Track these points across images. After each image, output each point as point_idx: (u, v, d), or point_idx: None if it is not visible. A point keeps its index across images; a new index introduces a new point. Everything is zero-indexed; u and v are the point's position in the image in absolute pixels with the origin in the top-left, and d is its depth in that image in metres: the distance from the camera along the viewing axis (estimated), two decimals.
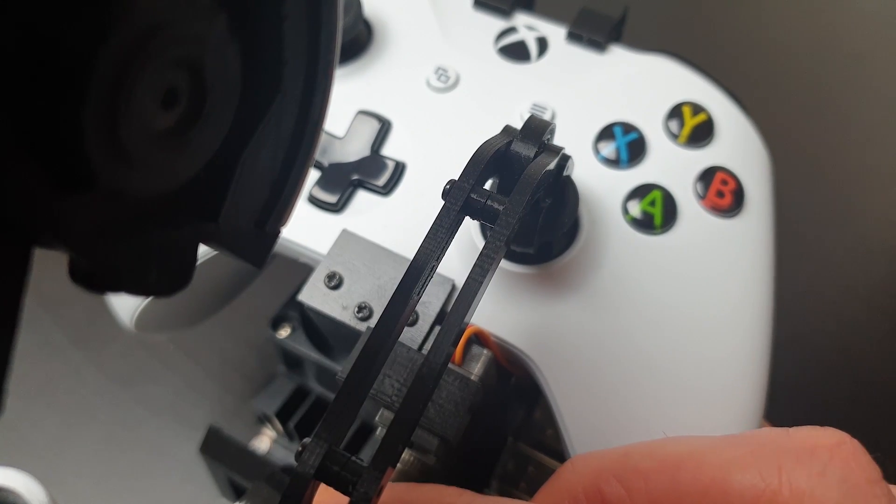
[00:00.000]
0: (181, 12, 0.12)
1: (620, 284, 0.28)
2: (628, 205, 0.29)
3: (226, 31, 0.13)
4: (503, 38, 0.34)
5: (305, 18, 0.15)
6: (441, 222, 0.20)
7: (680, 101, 0.32)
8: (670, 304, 0.28)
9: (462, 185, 0.20)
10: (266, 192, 0.16)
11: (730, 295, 0.29)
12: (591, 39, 0.33)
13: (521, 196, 0.20)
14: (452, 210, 0.20)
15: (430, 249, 0.20)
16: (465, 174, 0.21)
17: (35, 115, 0.10)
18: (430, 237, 0.20)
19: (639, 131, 0.31)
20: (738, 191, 0.30)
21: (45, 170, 0.11)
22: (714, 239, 0.29)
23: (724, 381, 0.28)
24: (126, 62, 0.11)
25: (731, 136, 0.31)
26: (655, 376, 0.27)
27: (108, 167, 0.12)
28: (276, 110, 0.15)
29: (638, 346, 0.28)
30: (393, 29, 0.34)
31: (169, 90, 0.13)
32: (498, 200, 0.20)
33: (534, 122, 0.23)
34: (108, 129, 0.11)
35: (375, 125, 0.31)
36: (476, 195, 0.21)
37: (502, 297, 0.28)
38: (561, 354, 0.27)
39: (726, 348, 0.28)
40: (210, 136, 0.14)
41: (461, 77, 0.33)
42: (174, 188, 0.14)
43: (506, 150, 0.23)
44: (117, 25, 0.11)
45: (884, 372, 0.48)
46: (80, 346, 0.47)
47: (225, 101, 0.14)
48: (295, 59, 0.15)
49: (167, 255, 0.14)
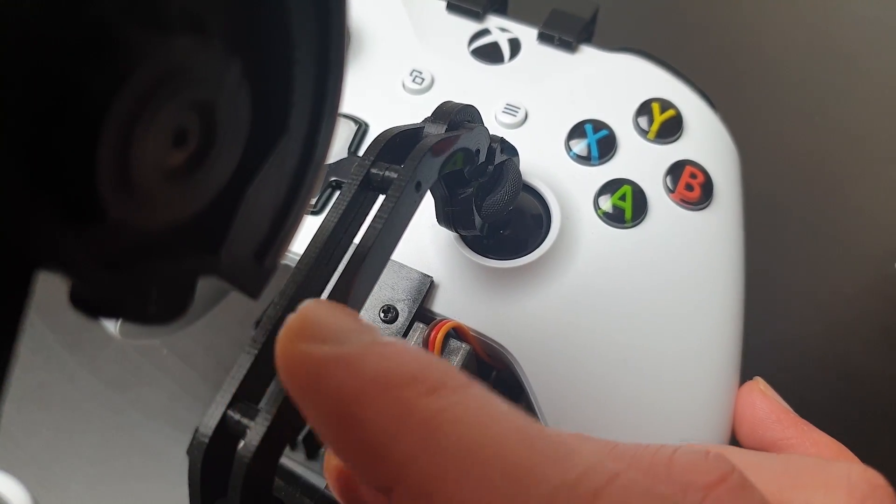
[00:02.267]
0: (198, 58, 0.13)
1: (594, 277, 0.29)
2: (600, 200, 0.30)
3: (239, 75, 0.14)
4: (476, 41, 0.35)
5: (314, 63, 0.15)
6: (343, 196, 0.21)
7: (649, 97, 0.32)
8: (643, 295, 0.29)
9: (363, 162, 0.21)
10: (266, 227, 0.17)
11: (701, 285, 0.30)
12: (562, 40, 0.34)
13: (412, 161, 0.21)
14: (353, 185, 0.21)
15: (330, 221, 0.20)
16: (367, 152, 0.22)
17: (49, 152, 0.11)
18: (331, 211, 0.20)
19: (609, 128, 0.32)
20: (706, 184, 0.31)
21: (55, 204, 0.11)
22: (684, 231, 0.30)
23: (696, 369, 0.29)
24: (141, 104, 0.12)
25: (699, 131, 0.32)
26: (630, 366, 0.28)
27: (117, 203, 0.12)
28: (280, 150, 0.16)
29: (612, 337, 0.28)
30: (368, 33, 0.35)
31: (180, 130, 0.13)
32: (396, 171, 0.21)
33: (445, 105, 0.24)
34: (120, 167, 0.12)
35: (352, 127, 0.32)
36: (376, 170, 0.21)
37: (480, 292, 0.28)
38: (539, 346, 0.28)
39: (699, 337, 0.29)
40: (217, 174, 0.14)
41: (436, 79, 0.34)
42: (179, 223, 0.14)
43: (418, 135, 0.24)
44: (135, 70, 0.11)
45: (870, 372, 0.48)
46: (73, 351, 0.47)
47: (233, 142, 0.14)
48: (302, 101, 0.16)
49: (167, 285, 0.14)
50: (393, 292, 0.28)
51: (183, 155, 0.13)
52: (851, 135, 0.52)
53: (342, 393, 0.14)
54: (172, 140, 0.13)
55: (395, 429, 0.13)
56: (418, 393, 0.14)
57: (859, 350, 0.49)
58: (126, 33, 0.11)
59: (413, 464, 0.13)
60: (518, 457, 0.13)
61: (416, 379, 0.14)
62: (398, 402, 0.14)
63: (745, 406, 0.29)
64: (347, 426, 0.14)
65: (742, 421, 0.28)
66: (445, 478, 0.13)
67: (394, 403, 0.14)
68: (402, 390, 0.14)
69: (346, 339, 0.15)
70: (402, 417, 0.13)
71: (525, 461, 0.13)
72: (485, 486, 0.13)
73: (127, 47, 0.11)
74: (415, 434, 0.13)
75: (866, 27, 0.51)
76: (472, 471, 0.13)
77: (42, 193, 0.11)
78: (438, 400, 0.14)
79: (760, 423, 0.28)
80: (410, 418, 0.13)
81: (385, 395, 0.14)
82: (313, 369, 0.14)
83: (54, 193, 0.11)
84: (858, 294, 0.50)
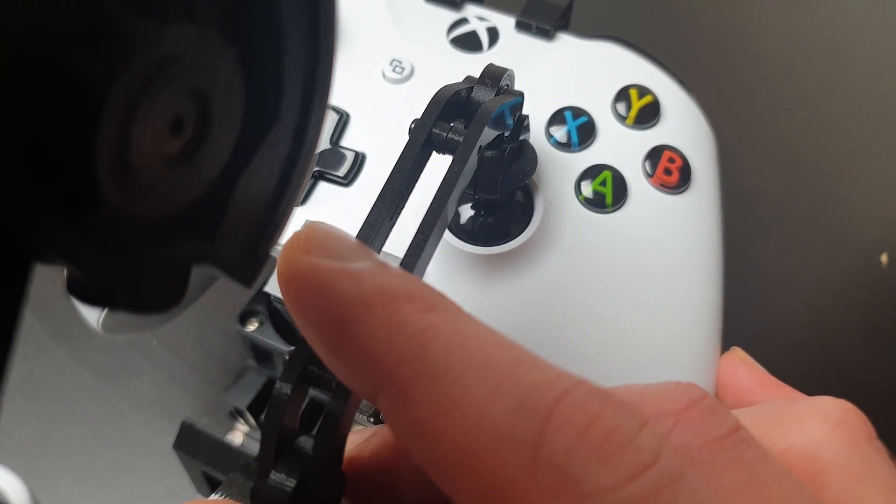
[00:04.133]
0: (193, 46, 0.13)
1: (576, 261, 0.29)
2: (580, 185, 0.30)
3: (233, 63, 0.14)
4: (455, 29, 0.35)
5: (305, 52, 0.16)
6: (407, 154, 0.22)
7: (626, 84, 0.33)
8: (624, 278, 0.29)
9: (424, 122, 0.22)
10: (259, 215, 0.17)
11: (681, 268, 0.30)
12: (540, 28, 0.35)
13: (478, 126, 0.22)
14: (417, 143, 0.22)
15: (397, 179, 0.21)
16: (427, 111, 0.22)
17: (48, 140, 0.11)
18: (396, 169, 0.21)
19: (588, 115, 0.32)
20: (684, 168, 0.31)
21: (54, 192, 0.11)
22: (663, 215, 0.31)
23: (679, 349, 0.29)
24: (140, 92, 0.12)
25: (676, 116, 0.33)
26: (613, 348, 0.29)
27: (115, 191, 0.12)
28: (272, 138, 0.16)
29: (595, 320, 0.29)
30: (347, 23, 0.35)
31: (177, 118, 0.13)
32: (459, 132, 0.22)
33: (491, 68, 0.25)
34: (119, 154, 0.12)
35: (334, 117, 0.32)
36: (438, 129, 0.22)
37: (463, 279, 0.29)
38: (522, 331, 0.28)
39: (681, 317, 0.30)
40: (212, 162, 0.15)
41: (416, 68, 0.34)
42: (175, 211, 0.14)
43: (467, 96, 0.24)
44: (133, 58, 0.11)
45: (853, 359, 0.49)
46: (62, 342, 0.47)
47: (228, 129, 0.15)
48: (293, 89, 0.16)
49: (162, 273, 0.14)
50: None
51: (180, 142, 0.14)
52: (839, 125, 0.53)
53: (346, 302, 0.15)
54: (170, 128, 0.13)
55: (390, 336, 0.15)
56: (417, 308, 0.15)
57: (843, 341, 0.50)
58: (124, 22, 0.11)
59: (403, 366, 0.15)
60: (496, 361, 0.15)
61: (413, 296, 0.15)
62: (397, 314, 0.15)
63: (728, 374, 0.29)
64: (345, 333, 0.15)
65: (727, 389, 0.29)
66: (428, 379, 0.14)
67: (393, 314, 0.15)
68: (403, 304, 0.15)
69: (351, 257, 0.16)
70: (399, 326, 0.15)
71: (502, 366, 0.14)
72: (460, 385, 0.14)
73: (125, 36, 0.11)
74: (409, 342, 0.15)
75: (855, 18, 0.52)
76: (451, 371, 0.14)
77: (41, 182, 0.11)
78: (432, 315, 0.15)
79: (745, 389, 0.29)
80: (407, 328, 0.15)
81: (386, 307, 0.15)
82: (320, 279, 0.15)
83: (53, 182, 0.11)
84: (843, 285, 0.51)
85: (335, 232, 0.17)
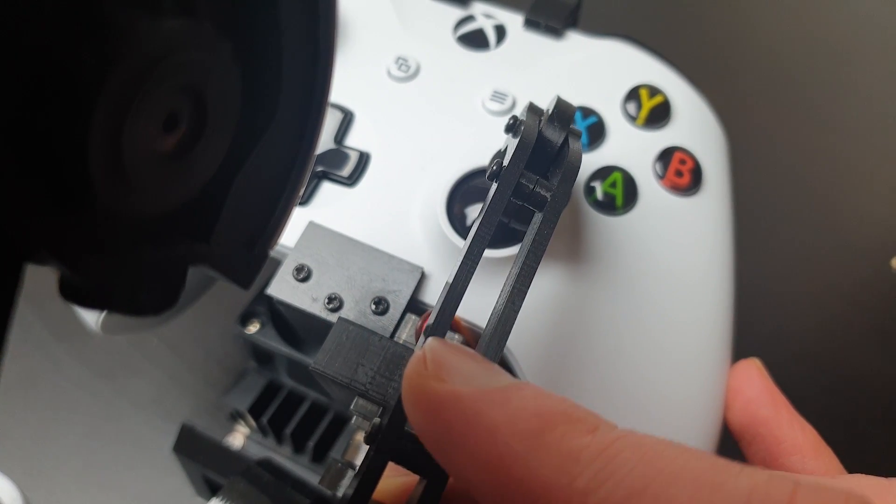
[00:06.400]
0: (188, 42, 0.12)
1: (586, 265, 0.29)
2: (590, 187, 0.30)
3: (229, 59, 0.14)
4: (462, 27, 0.35)
5: (303, 50, 0.15)
6: (495, 207, 0.20)
7: (637, 83, 0.32)
8: (635, 281, 0.29)
9: (513, 171, 0.21)
10: (257, 215, 0.16)
11: (692, 271, 0.30)
12: (548, 26, 0.34)
13: (566, 185, 0.21)
14: (506, 195, 0.20)
15: (485, 233, 0.20)
16: (516, 158, 0.21)
17: (40, 134, 0.11)
18: (485, 222, 0.20)
19: (598, 115, 0.31)
20: (696, 169, 0.31)
21: (46, 188, 0.11)
22: (674, 217, 0.30)
23: (689, 354, 0.29)
24: (132, 87, 0.11)
25: (687, 116, 0.32)
26: (623, 352, 0.28)
27: (108, 188, 0.12)
28: (269, 137, 0.15)
29: (605, 324, 0.28)
30: (352, 20, 0.34)
31: (171, 114, 0.13)
32: (545, 187, 0.21)
33: (562, 105, 0.24)
34: (112, 150, 0.12)
35: (338, 116, 0.31)
36: (525, 180, 0.21)
37: (472, 281, 0.28)
38: (531, 335, 0.28)
39: (692, 321, 0.29)
40: (207, 161, 0.14)
41: (421, 66, 0.33)
42: (169, 209, 0.14)
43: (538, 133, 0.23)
44: (127, 53, 0.11)
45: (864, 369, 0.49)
46: (60, 339, 0.47)
47: (223, 127, 0.14)
48: (291, 88, 0.16)
49: (158, 275, 0.14)
50: (384, 284, 0.28)
51: (174, 139, 0.13)
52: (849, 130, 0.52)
53: (496, 430, 0.14)
54: (164, 124, 0.13)
55: (561, 463, 0.13)
56: (581, 431, 0.14)
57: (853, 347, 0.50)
58: (118, 15, 0.11)
59: (594, 495, 0.13)
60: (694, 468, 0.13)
61: (571, 417, 0.14)
62: (565, 441, 0.14)
63: (742, 381, 0.29)
64: (508, 466, 0.14)
65: (737, 395, 0.29)
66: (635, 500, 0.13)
67: (562, 441, 0.14)
68: (564, 427, 0.14)
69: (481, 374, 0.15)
70: (570, 454, 0.13)
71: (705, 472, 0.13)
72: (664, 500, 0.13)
73: (119, 29, 0.11)
74: (588, 468, 0.13)
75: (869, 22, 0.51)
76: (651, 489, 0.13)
77: (33, 178, 0.11)
78: (602, 437, 0.14)
79: (755, 399, 0.28)
80: (581, 454, 0.13)
81: (547, 434, 0.14)
82: (463, 408, 0.14)
83: (44, 176, 0.11)
84: (853, 290, 0.51)
85: (458, 350, 0.15)
